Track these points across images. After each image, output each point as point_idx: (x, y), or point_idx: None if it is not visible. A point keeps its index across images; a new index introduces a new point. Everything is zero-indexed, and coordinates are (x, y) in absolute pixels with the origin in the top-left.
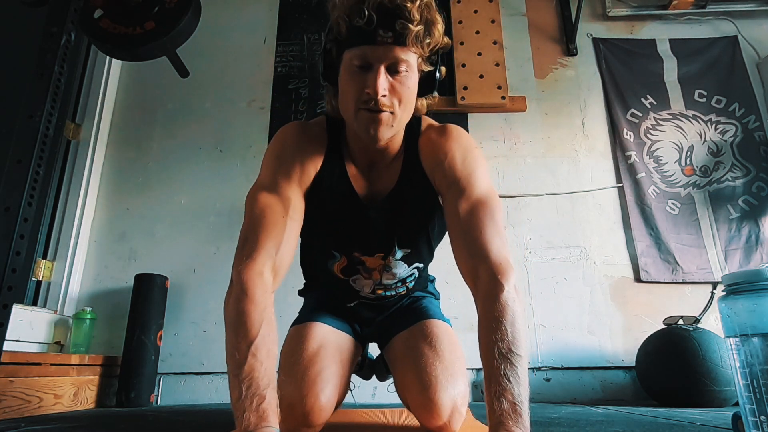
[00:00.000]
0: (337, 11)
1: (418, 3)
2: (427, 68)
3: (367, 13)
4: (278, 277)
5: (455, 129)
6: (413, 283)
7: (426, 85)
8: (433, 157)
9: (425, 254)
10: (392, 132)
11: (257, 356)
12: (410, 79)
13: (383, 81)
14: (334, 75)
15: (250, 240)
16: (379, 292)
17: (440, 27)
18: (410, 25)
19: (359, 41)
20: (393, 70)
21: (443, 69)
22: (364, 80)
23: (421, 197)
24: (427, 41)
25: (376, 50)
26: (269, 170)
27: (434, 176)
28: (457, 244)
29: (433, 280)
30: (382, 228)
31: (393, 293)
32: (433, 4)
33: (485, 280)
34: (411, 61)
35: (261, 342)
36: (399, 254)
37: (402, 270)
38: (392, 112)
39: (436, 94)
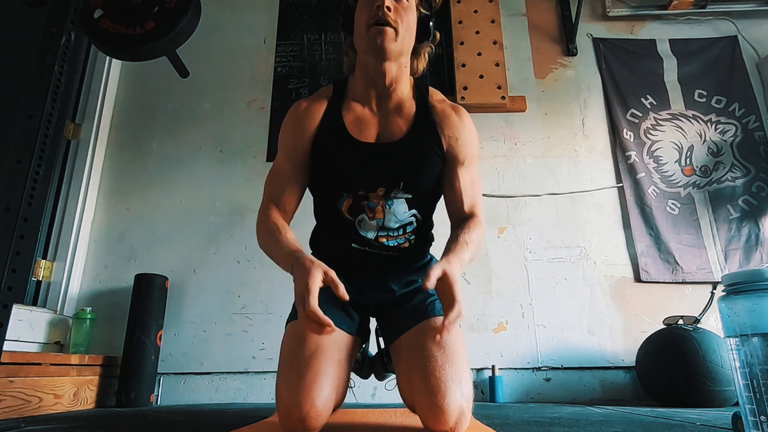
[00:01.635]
0: None
1: None
2: (423, 11)
3: None
4: (287, 213)
5: (466, 112)
6: (414, 236)
7: (422, 31)
8: (452, 126)
9: (423, 203)
10: (395, 46)
11: (282, 233)
12: (409, 8)
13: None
14: (350, 24)
15: (263, 199)
16: (382, 240)
17: None
18: None
19: None
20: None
21: (438, 35)
22: (375, 1)
23: (430, 148)
24: None
25: None
26: (279, 147)
27: (450, 140)
28: (455, 198)
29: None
30: (388, 167)
31: (395, 243)
32: None
33: (467, 218)
34: None
35: (282, 229)
36: (400, 194)
37: (402, 209)
38: (396, 30)
39: (437, 35)
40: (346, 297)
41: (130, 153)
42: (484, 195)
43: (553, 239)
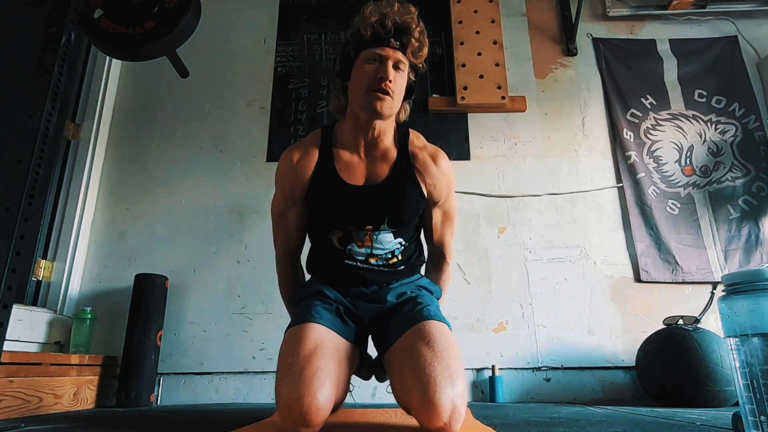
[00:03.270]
0: (364, 22)
1: (418, 28)
2: (412, 78)
3: (389, 26)
4: (296, 255)
5: (444, 155)
6: (401, 255)
7: (408, 91)
8: (432, 175)
9: (409, 231)
10: (390, 111)
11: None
12: (404, 77)
13: (392, 71)
14: (347, 72)
15: (275, 241)
16: (372, 261)
17: (426, 49)
18: (412, 40)
19: (379, 44)
20: (396, 67)
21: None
22: (378, 69)
23: (409, 189)
24: (419, 53)
25: (389, 52)
26: (277, 191)
27: (429, 186)
28: (428, 231)
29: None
30: (373, 206)
31: (383, 262)
32: (425, 32)
33: (438, 256)
34: (406, 65)
35: (289, 282)
36: (386, 230)
37: (388, 239)
38: (392, 97)
39: (410, 102)
40: None
41: (130, 153)
42: (483, 195)
43: (553, 239)
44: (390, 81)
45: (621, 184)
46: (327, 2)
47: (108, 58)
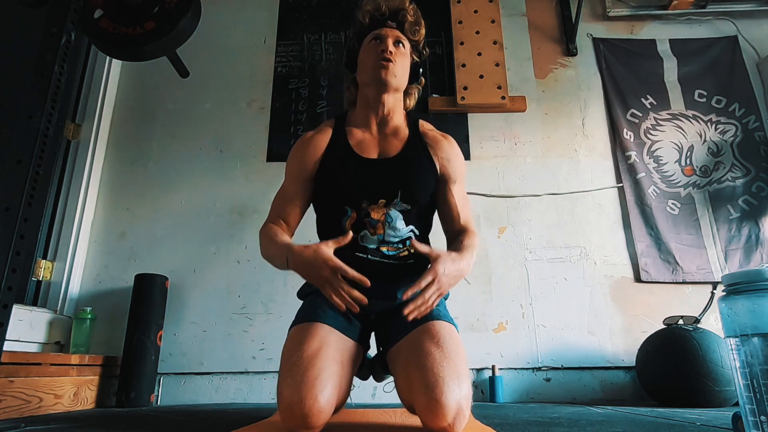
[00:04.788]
0: (362, 12)
1: (412, 6)
2: (415, 58)
3: (384, 9)
4: (289, 225)
5: (453, 139)
6: (412, 249)
7: (413, 74)
8: (444, 149)
9: (421, 217)
10: (395, 81)
11: (279, 235)
12: (405, 55)
13: (391, 44)
14: (354, 63)
15: (269, 215)
16: (383, 249)
17: (423, 30)
18: (408, 18)
19: (377, 26)
20: (395, 44)
21: (423, 80)
22: (379, 46)
23: (422, 163)
24: (416, 29)
25: (387, 30)
26: (286, 172)
27: (442, 161)
28: (449, 215)
29: None
30: (387, 178)
31: (395, 253)
32: (419, 13)
33: (460, 231)
34: (406, 44)
35: (279, 232)
36: (399, 206)
37: (400, 225)
38: (395, 65)
39: (422, 80)
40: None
41: (130, 153)
42: (483, 195)
43: (553, 239)
44: (391, 53)
45: (621, 184)
46: (327, 2)
47: (108, 58)
